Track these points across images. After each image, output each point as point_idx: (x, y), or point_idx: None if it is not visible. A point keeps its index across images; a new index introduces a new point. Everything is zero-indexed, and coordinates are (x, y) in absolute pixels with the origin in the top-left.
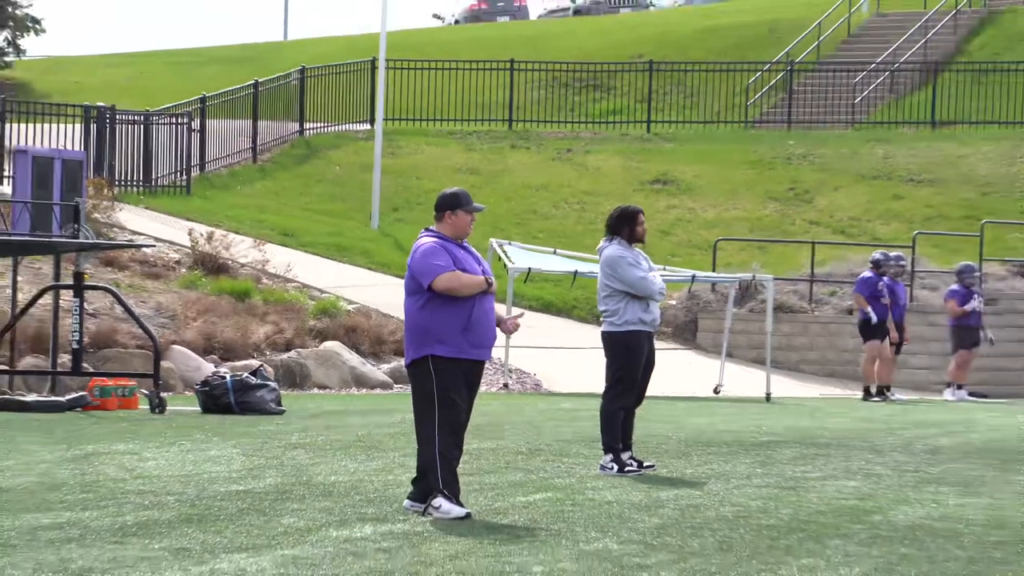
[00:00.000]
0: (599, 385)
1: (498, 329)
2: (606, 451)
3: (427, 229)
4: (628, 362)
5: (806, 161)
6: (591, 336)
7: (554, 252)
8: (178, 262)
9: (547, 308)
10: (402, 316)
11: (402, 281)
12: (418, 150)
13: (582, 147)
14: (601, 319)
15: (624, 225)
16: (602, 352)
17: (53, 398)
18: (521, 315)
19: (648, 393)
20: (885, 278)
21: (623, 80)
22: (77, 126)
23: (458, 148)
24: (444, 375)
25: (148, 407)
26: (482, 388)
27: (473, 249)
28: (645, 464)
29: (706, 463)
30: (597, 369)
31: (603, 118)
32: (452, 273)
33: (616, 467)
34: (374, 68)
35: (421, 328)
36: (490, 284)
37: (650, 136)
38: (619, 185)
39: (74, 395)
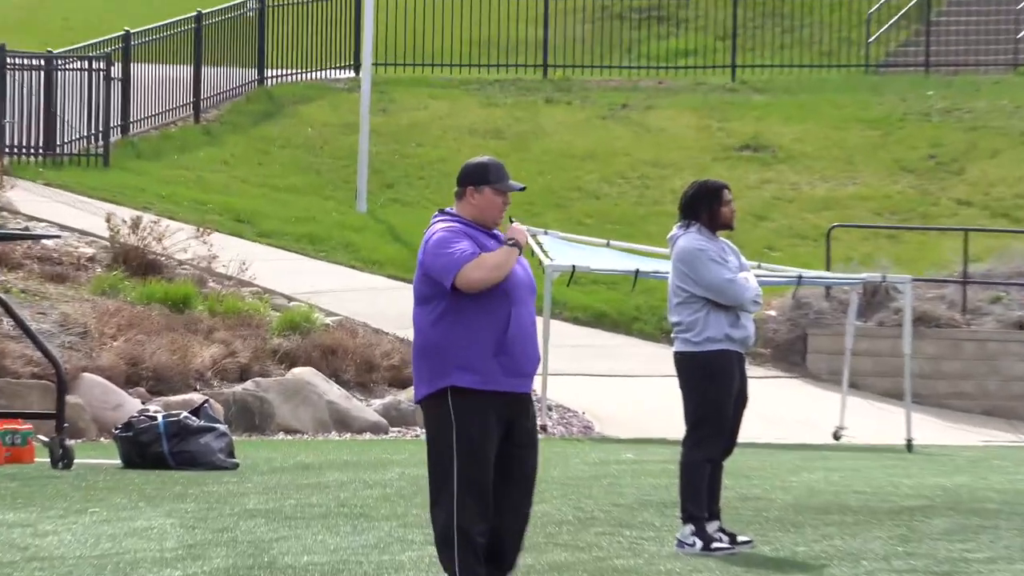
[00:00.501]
0: (671, 427)
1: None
2: (685, 520)
3: (442, 211)
4: (714, 395)
5: (951, 117)
6: (660, 358)
7: (607, 244)
8: (92, 259)
9: (598, 321)
10: (400, 332)
11: (399, 284)
12: (420, 106)
13: (642, 101)
14: (673, 335)
15: (704, 206)
16: (676, 381)
17: None
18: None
19: (740, 439)
20: None
21: (698, 8)
22: None
23: (474, 103)
24: (468, 415)
25: (49, 460)
26: None
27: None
28: (739, 539)
29: (824, 538)
30: (669, 405)
31: (671, 62)
32: (480, 258)
33: (700, 543)
34: None
35: (436, 350)
36: (515, 245)
37: (736, 85)
38: (694, 153)
39: None
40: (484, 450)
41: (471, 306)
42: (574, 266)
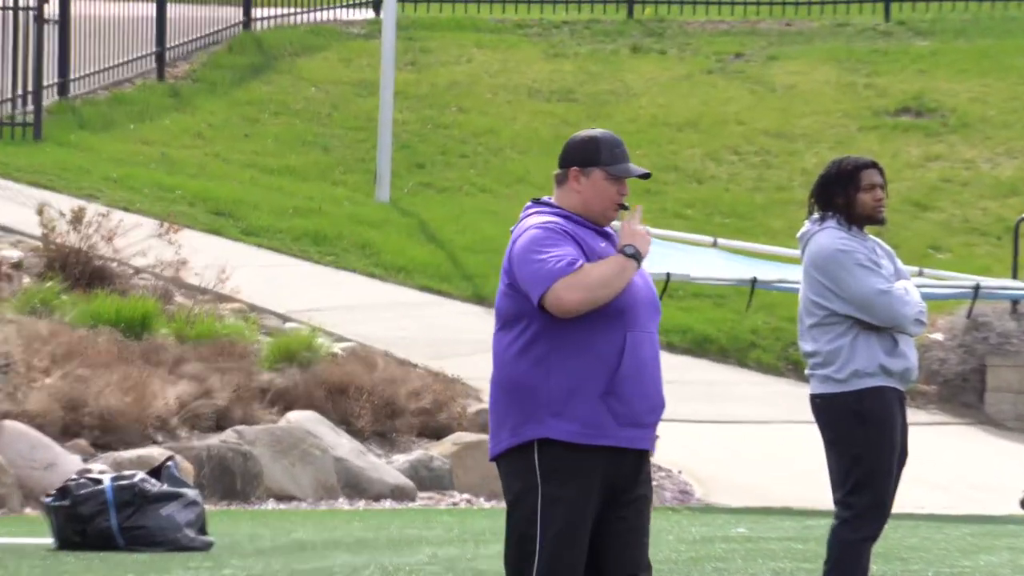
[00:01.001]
0: (798, 491)
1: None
2: None
3: (536, 201)
4: (872, 449)
5: None
6: (784, 398)
7: (713, 244)
8: (17, 265)
9: (701, 348)
10: (435, 362)
11: (434, 298)
12: (462, 57)
13: (762, 49)
14: (808, 371)
15: (841, 191)
16: (804, 429)
17: None
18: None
19: (894, 507)
20: None
21: None
22: None
23: (535, 54)
24: (560, 477)
25: None
26: None
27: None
28: None
29: None
30: (795, 461)
31: None
32: (581, 272)
33: None
34: None
35: (522, 389)
36: (634, 254)
37: (890, 27)
38: (833, 119)
39: None
40: (578, 526)
41: (571, 331)
42: (668, 274)
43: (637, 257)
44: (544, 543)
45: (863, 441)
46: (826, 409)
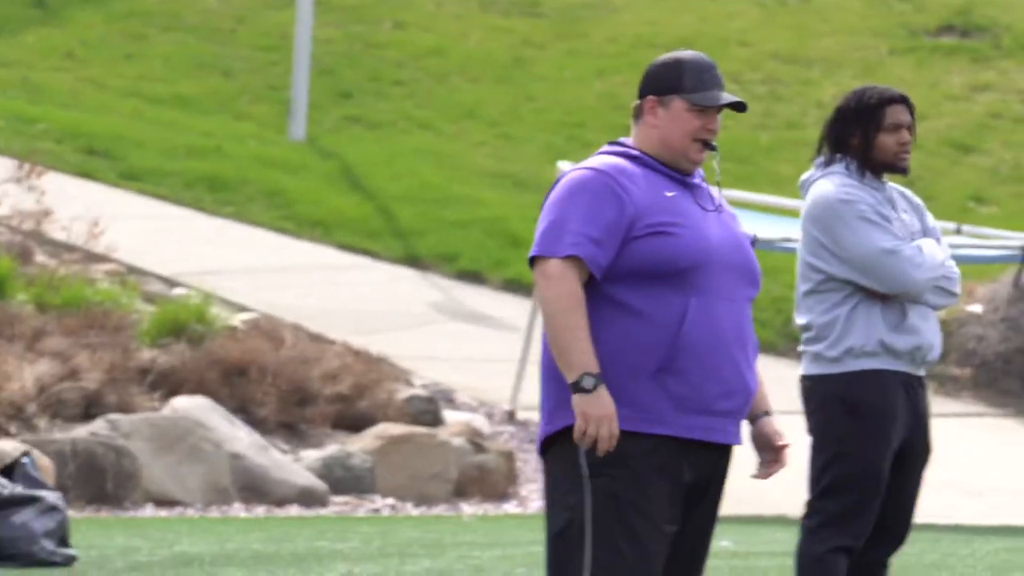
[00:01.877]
0: (795, 497)
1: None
2: None
3: (612, 143)
4: (857, 443)
5: None
6: (785, 384)
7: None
8: None
9: None
10: (357, 337)
11: (360, 259)
12: None
13: None
14: (800, 347)
15: (859, 129)
16: (802, 422)
17: None
18: (786, 446)
19: (919, 517)
20: None
21: None
22: None
23: None
24: (612, 473)
25: None
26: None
27: (718, 198)
28: None
29: None
30: (801, 461)
31: None
32: (567, 280)
33: None
34: None
35: (553, 368)
36: (580, 388)
37: None
38: (860, 39)
39: None
40: (644, 525)
41: (619, 292)
42: None
43: (581, 388)
44: (595, 548)
45: (847, 435)
46: (812, 393)
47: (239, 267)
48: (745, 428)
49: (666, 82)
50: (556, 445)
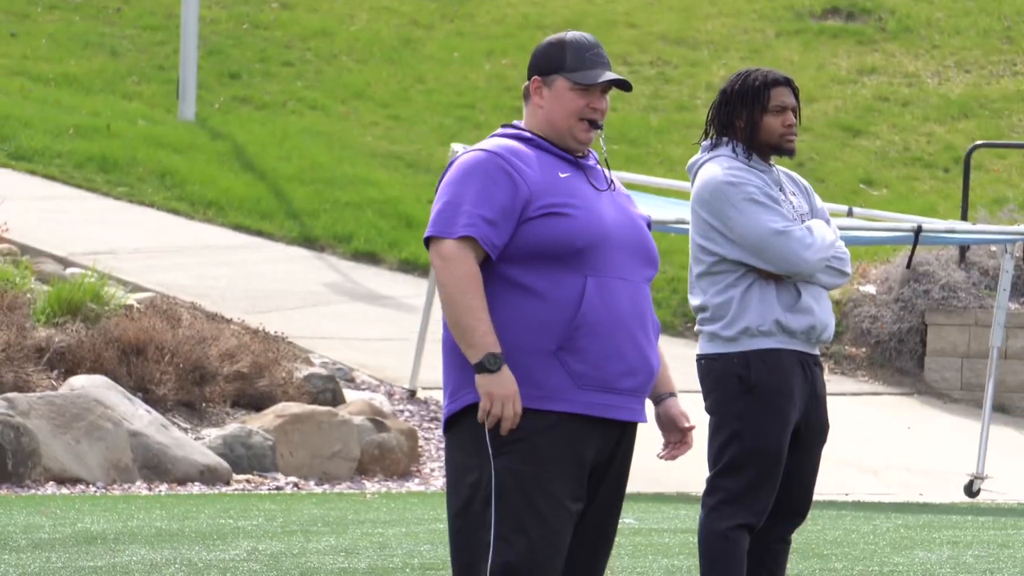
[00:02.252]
0: (697, 475)
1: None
2: None
3: (505, 125)
4: (755, 423)
5: None
6: (683, 363)
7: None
8: None
9: None
10: (253, 317)
11: (253, 240)
12: None
13: None
14: (696, 326)
15: (744, 111)
16: (700, 400)
17: None
18: (691, 428)
19: (816, 495)
20: None
21: None
22: None
23: None
24: (515, 450)
25: None
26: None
27: (611, 178)
28: None
29: None
30: (702, 439)
31: None
32: (464, 260)
33: None
34: None
35: (455, 347)
36: (485, 368)
37: None
38: (746, 22)
39: None
40: (545, 509)
41: (518, 273)
42: None
43: (484, 368)
44: (498, 537)
45: (745, 413)
46: (710, 372)
47: (133, 247)
48: (650, 409)
49: (549, 62)
50: (459, 423)
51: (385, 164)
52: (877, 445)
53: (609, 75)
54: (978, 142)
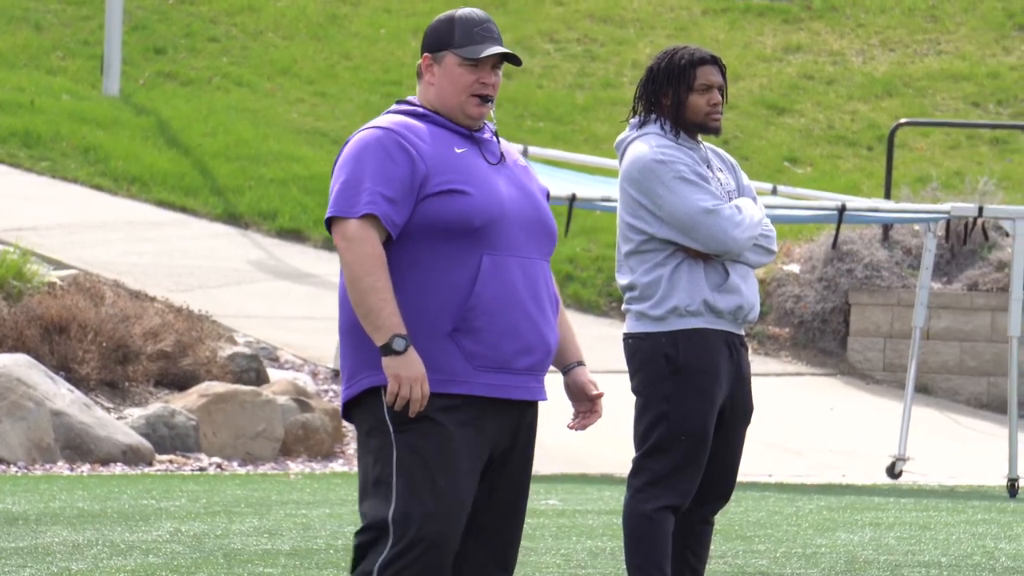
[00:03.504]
0: (622, 455)
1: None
2: None
3: (400, 101)
4: (682, 402)
5: None
6: (608, 343)
7: (524, 152)
8: None
9: None
10: (178, 295)
11: (178, 216)
12: None
13: None
14: (624, 305)
15: (671, 89)
16: (626, 380)
17: None
18: (599, 395)
19: (741, 476)
20: None
21: None
22: None
23: None
24: (416, 428)
25: None
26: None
27: (509, 152)
28: None
29: None
30: (626, 420)
31: None
32: (367, 241)
33: None
34: None
35: (357, 328)
36: (391, 350)
37: None
38: (672, 0)
39: None
40: (449, 481)
41: (412, 253)
42: None
43: (392, 350)
44: (404, 504)
45: (672, 394)
46: (636, 351)
47: (56, 223)
48: (559, 379)
49: (439, 39)
50: (361, 405)
51: (311, 141)
52: (800, 426)
53: (496, 49)
54: (902, 120)
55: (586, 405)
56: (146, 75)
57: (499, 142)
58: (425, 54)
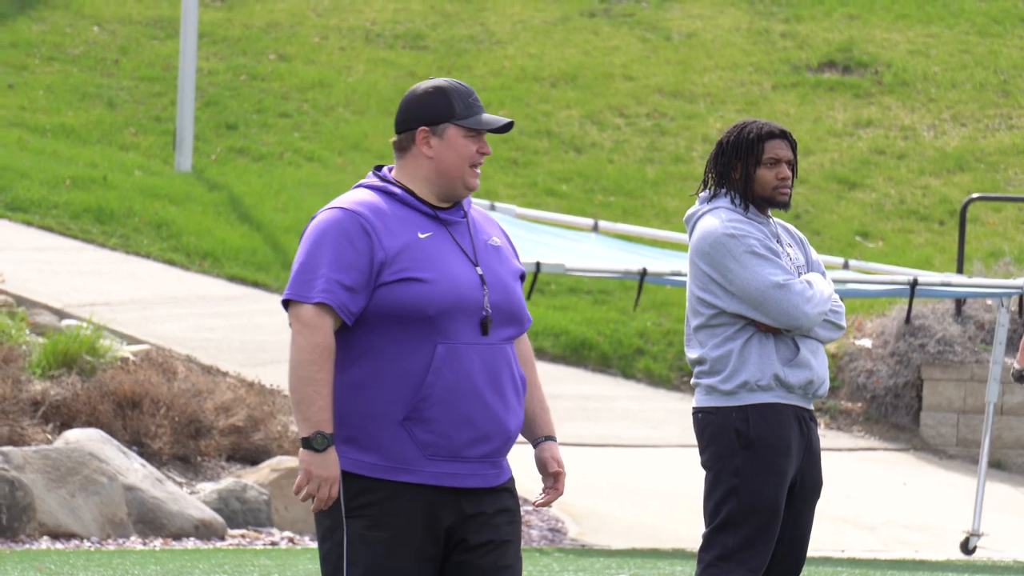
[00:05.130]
0: (694, 530)
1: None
2: None
3: (377, 169)
4: (754, 477)
5: None
6: (679, 416)
7: (594, 228)
8: None
9: (577, 354)
10: (250, 369)
11: (249, 291)
12: None
13: None
14: (693, 379)
15: (740, 163)
16: (697, 455)
17: None
18: (558, 473)
19: (810, 551)
20: None
21: None
22: None
23: None
24: (369, 517)
25: None
26: None
27: (497, 227)
28: None
29: None
30: (691, 493)
31: None
32: (318, 329)
33: None
34: None
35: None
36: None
37: None
38: (743, 75)
39: None
40: (396, 567)
41: (369, 339)
42: (538, 264)
43: (311, 446)
44: None
45: (743, 468)
46: (707, 426)
47: (128, 299)
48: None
49: (436, 111)
50: (326, 513)
51: None
52: (873, 501)
53: (501, 119)
54: (974, 195)
55: (550, 481)
56: (218, 151)
57: (473, 218)
58: (422, 128)
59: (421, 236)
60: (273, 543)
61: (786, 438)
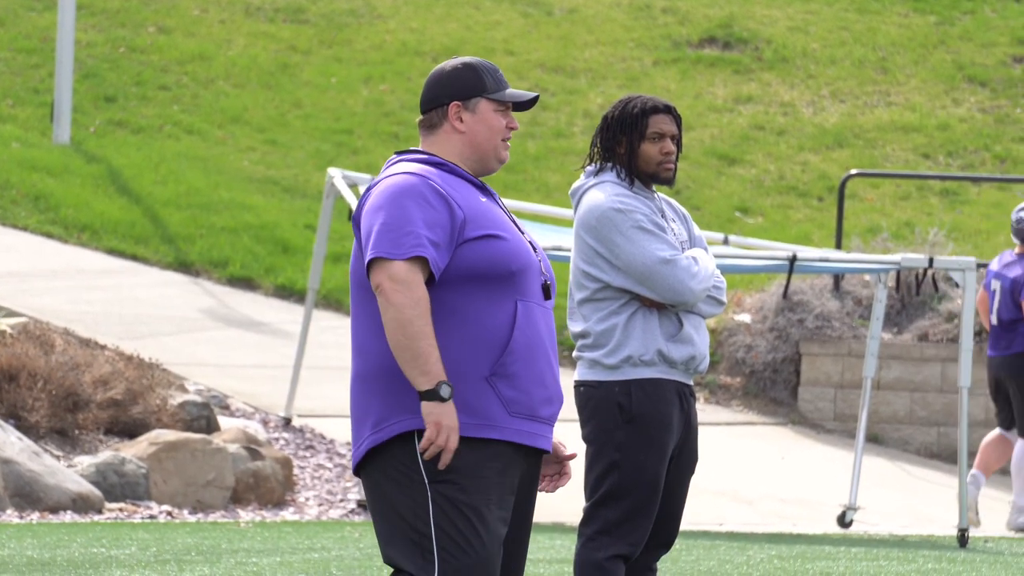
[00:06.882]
0: (572, 504)
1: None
2: None
3: (401, 153)
4: (635, 452)
5: None
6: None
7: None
8: None
9: None
10: (128, 343)
11: (128, 264)
12: None
13: None
14: (575, 353)
15: (624, 138)
16: (578, 429)
17: None
18: (571, 457)
19: (685, 524)
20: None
21: None
22: None
23: None
24: (452, 479)
25: None
26: (294, 515)
27: (501, 201)
28: None
29: None
30: (580, 468)
31: None
32: (415, 285)
33: None
34: None
35: (388, 374)
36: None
37: None
38: (624, 50)
39: None
40: (487, 531)
41: (448, 296)
42: None
43: (438, 396)
44: (447, 555)
45: (625, 443)
46: (589, 399)
47: (5, 271)
48: None
49: (467, 86)
50: (385, 453)
51: (262, 189)
52: (751, 475)
53: (530, 93)
54: (852, 171)
55: (554, 468)
56: (96, 123)
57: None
58: (454, 103)
59: (482, 201)
60: (151, 516)
61: (668, 414)
